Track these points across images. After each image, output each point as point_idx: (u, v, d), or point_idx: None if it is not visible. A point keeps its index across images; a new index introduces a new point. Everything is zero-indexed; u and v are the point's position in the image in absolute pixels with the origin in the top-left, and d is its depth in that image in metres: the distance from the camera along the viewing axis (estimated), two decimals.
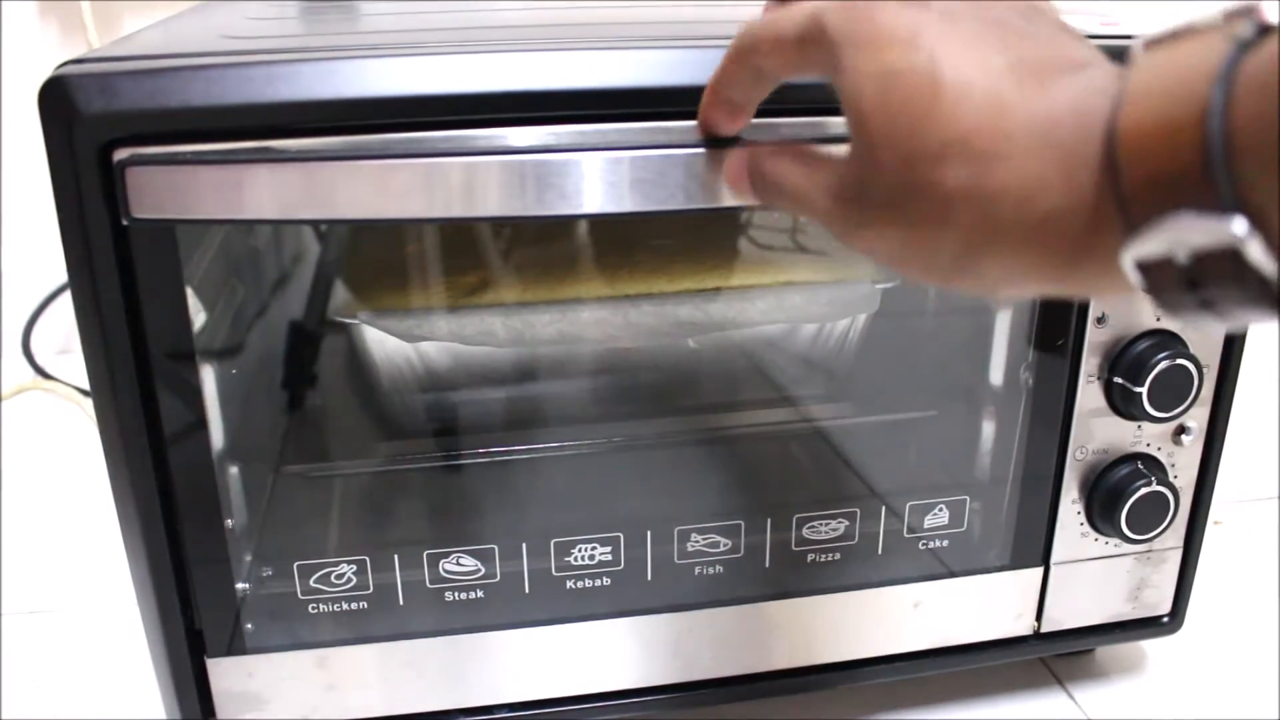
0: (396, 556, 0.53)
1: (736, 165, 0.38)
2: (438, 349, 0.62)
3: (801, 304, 0.61)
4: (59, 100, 0.40)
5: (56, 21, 1.03)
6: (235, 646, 0.50)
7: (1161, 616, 0.60)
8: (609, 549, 0.54)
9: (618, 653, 0.54)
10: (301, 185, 0.40)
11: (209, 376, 0.49)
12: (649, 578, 0.55)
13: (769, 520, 0.56)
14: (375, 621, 0.53)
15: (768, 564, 0.56)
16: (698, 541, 0.55)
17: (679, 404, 0.69)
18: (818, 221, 0.34)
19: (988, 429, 0.59)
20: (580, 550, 0.54)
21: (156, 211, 0.40)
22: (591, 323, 0.60)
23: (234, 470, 0.53)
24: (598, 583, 0.55)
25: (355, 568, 0.52)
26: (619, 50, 0.44)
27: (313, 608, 0.52)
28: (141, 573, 0.47)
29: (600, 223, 0.64)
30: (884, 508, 0.57)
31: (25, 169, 1.05)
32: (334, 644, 0.51)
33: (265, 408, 0.66)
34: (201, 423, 0.46)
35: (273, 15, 0.60)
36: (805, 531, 0.56)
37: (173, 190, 0.40)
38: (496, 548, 0.53)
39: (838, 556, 0.56)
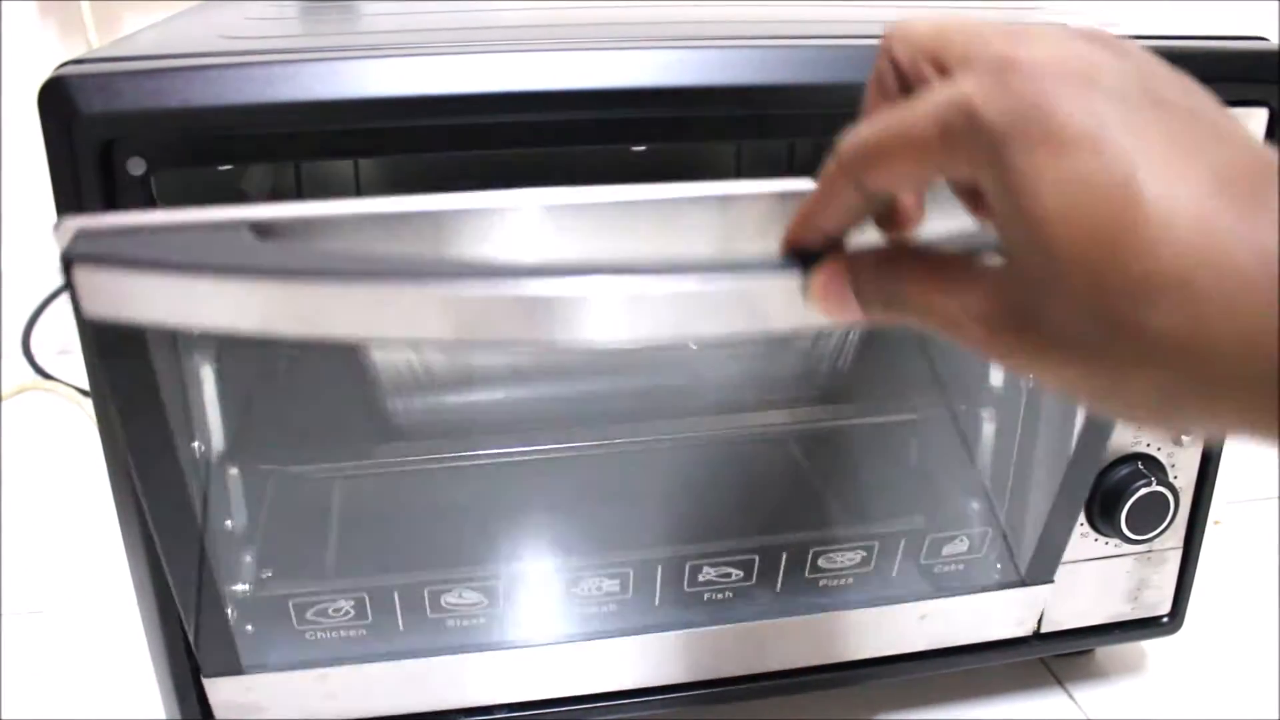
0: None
1: (833, 281, 0.30)
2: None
3: None
4: (59, 100, 0.39)
5: (56, 21, 1.03)
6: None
7: (1161, 617, 0.60)
8: (616, 582, 0.54)
9: (618, 654, 0.54)
10: (281, 304, 0.30)
11: (209, 376, 0.49)
12: (655, 603, 0.55)
13: (783, 555, 0.55)
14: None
15: (779, 589, 0.56)
16: (709, 573, 0.55)
17: (679, 405, 0.69)
18: (958, 343, 0.28)
19: (988, 429, 0.59)
20: (590, 581, 0.54)
21: (110, 312, 0.31)
22: None
23: (234, 471, 0.53)
24: (605, 608, 0.55)
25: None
26: (620, 50, 0.44)
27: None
28: (141, 574, 0.47)
29: None
30: (903, 541, 0.56)
31: (25, 169, 1.05)
32: (334, 664, 0.51)
33: (265, 408, 0.66)
34: (200, 423, 0.46)
35: (273, 15, 0.60)
36: (821, 561, 0.56)
37: (127, 296, 0.31)
38: (499, 573, 0.53)
39: (850, 581, 0.56)
